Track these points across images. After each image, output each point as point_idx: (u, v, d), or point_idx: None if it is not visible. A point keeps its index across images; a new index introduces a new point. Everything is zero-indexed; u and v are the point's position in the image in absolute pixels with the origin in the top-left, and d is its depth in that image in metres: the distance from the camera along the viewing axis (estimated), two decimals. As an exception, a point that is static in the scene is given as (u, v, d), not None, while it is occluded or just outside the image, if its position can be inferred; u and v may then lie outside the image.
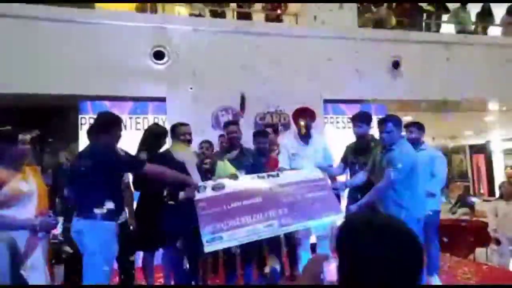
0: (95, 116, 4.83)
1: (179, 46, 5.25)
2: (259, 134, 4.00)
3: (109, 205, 2.61)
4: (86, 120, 4.94)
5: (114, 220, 2.65)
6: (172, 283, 3.44)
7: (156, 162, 3.09)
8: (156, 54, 5.13)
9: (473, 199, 9.66)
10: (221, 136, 4.49)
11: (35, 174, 2.59)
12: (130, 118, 5.06)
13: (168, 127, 4.93)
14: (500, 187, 5.62)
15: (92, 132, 3.19)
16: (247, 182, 3.27)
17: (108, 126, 2.82)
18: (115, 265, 2.95)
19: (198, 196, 3.04)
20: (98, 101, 4.99)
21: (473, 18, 7.59)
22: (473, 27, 7.54)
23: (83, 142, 4.62)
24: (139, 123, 5.14)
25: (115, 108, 5.04)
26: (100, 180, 2.58)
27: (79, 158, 2.80)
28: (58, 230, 3.61)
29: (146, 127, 5.08)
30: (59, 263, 3.61)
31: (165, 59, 5.16)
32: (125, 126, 4.89)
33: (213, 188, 3.12)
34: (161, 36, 5.20)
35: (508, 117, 8.91)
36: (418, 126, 3.89)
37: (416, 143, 3.72)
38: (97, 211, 2.54)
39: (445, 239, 5.00)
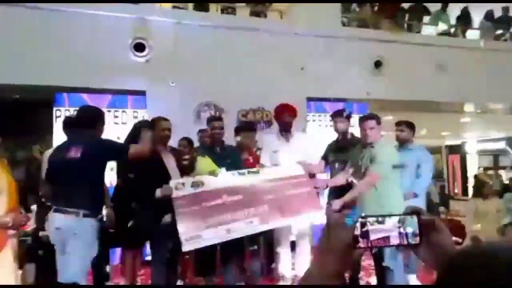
0: (72, 109, 4.75)
1: (161, 39, 5.12)
2: (241, 129, 3.97)
3: (93, 201, 2.51)
4: (61, 113, 4.76)
5: (96, 216, 2.56)
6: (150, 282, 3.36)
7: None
8: (137, 46, 4.99)
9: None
10: (200, 131, 4.42)
11: (3, 169, 2.45)
12: (109, 111, 4.90)
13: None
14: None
15: (75, 125, 3.04)
16: (227, 179, 3.22)
17: (93, 120, 2.72)
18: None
19: (176, 193, 2.97)
20: (75, 93, 4.83)
21: (453, 21, 7.75)
22: (452, 29, 7.70)
23: (58, 135, 4.46)
24: (117, 116, 5.01)
25: (93, 101, 4.90)
26: (84, 175, 2.47)
27: (61, 151, 2.65)
28: (29, 227, 3.47)
29: (124, 121, 4.99)
30: (31, 261, 3.46)
31: (146, 51, 5.03)
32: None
33: (192, 186, 3.06)
34: (142, 28, 5.06)
35: (483, 119, 9.17)
36: (408, 125, 3.89)
37: (405, 142, 3.74)
38: (80, 207, 2.44)
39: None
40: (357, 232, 0.69)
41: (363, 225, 0.69)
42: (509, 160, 12.50)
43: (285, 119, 3.65)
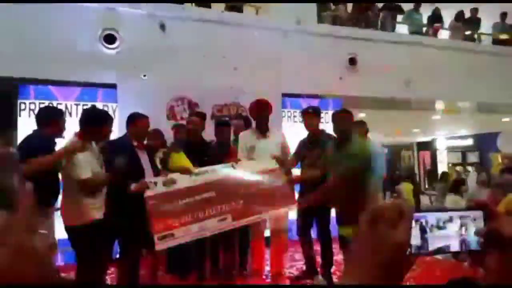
0: (38, 102, 4.54)
1: (132, 31, 4.97)
2: (221, 124, 3.91)
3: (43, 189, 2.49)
4: (26, 106, 4.54)
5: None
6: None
7: (112, 147, 3.00)
8: (107, 37, 4.82)
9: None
10: (175, 126, 4.33)
11: None
12: (77, 104, 4.72)
13: (117, 115, 4.70)
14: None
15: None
16: (200, 176, 3.17)
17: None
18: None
19: (148, 192, 2.92)
20: (42, 85, 4.61)
21: (424, 21, 7.95)
22: (424, 29, 7.89)
23: (23, 128, 4.25)
24: (87, 110, 4.82)
25: (61, 94, 4.71)
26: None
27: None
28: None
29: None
30: None
31: (117, 43, 4.87)
32: (70, 114, 4.60)
33: (164, 184, 3.01)
34: (113, 19, 4.89)
35: (452, 116, 9.48)
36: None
37: None
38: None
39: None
40: (416, 240, 0.55)
41: (423, 230, 0.57)
42: (476, 156, 13.01)
43: (260, 114, 3.62)
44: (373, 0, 7.35)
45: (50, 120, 2.93)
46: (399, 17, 7.76)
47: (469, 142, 13.47)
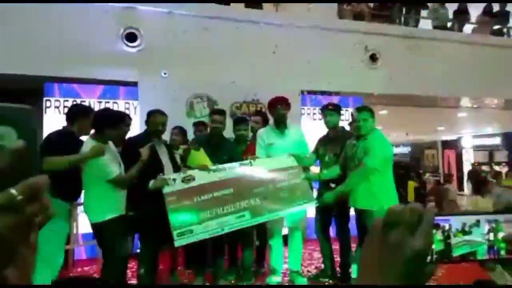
0: (62, 100, 4.67)
1: (153, 29, 5.03)
2: (240, 120, 3.92)
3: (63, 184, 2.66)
4: (51, 103, 4.68)
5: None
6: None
7: (131, 144, 3.03)
8: (128, 36, 4.90)
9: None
10: (195, 124, 4.35)
11: None
12: (99, 102, 4.83)
13: (138, 113, 4.78)
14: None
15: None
16: (218, 173, 3.18)
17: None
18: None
19: (167, 189, 2.95)
20: (67, 83, 4.74)
21: (450, 15, 7.70)
22: (449, 24, 7.64)
23: (47, 125, 4.38)
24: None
25: (84, 92, 4.83)
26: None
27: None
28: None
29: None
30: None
31: (138, 41, 4.94)
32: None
33: (183, 181, 3.04)
34: (134, 18, 4.97)
35: (478, 114, 9.16)
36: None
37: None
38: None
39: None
40: (438, 245, 0.50)
41: (446, 235, 0.53)
42: (504, 155, 12.54)
43: (279, 111, 3.60)
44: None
45: (75, 118, 3.00)
46: (423, 12, 7.54)
47: (497, 140, 13.00)
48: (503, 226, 0.56)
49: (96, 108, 4.76)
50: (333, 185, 3.34)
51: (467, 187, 8.18)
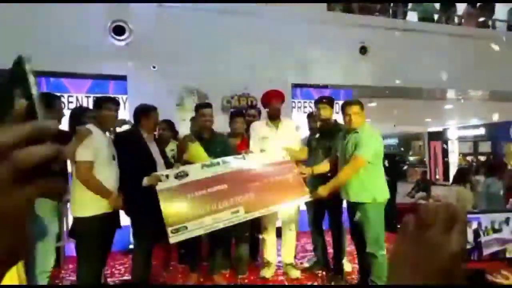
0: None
1: (141, 22, 4.95)
2: (235, 114, 3.90)
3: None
4: (38, 98, 4.57)
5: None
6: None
7: (122, 140, 2.96)
8: (116, 29, 4.82)
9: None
10: (193, 119, 4.30)
11: None
12: (88, 97, 4.75)
13: (128, 107, 4.72)
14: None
15: None
16: (212, 168, 3.17)
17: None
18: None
19: (160, 185, 2.93)
20: (55, 78, 4.64)
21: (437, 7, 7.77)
22: (436, 16, 7.72)
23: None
24: (98, 102, 4.84)
25: (73, 86, 4.74)
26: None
27: None
28: None
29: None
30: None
31: (126, 35, 4.86)
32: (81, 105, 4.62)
33: (176, 177, 3.02)
34: (122, 11, 4.88)
35: (464, 106, 9.32)
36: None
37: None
38: None
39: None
40: (468, 244, 0.47)
41: (476, 233, 0.51)
42: (488, 146, 12.81)
43: (273, 105, 3.60)
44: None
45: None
46: (410, 4, 7.59)
47: (481, 131, 13.26)
48: None
49: (85, 103, 4.69)
50: (326, 178, 3.37)
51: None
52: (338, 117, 3.80)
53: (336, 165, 3.35)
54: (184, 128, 4.52)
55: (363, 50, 6.14)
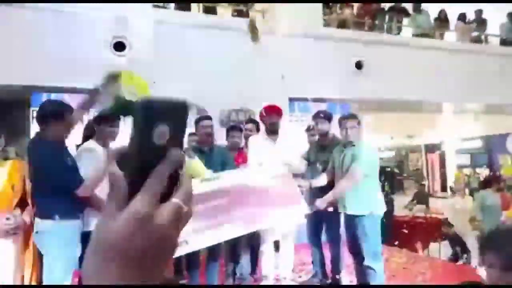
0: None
1: (141, 38, 5.05)
2: (233, 128, 3.94)
3: (67, 202, 2.41)
4: (38, 113, 4.62)
5: (74, 218, 2.45)
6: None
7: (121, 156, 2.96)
8: (117, 45, 4.90)
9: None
10: (191, 134, 4.35)
11: (12, 171, 2.40)
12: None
13: (128, 121, 4.76)
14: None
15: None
16: (211, 182, 3.19)
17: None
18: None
19: None
20: (56, 93, 4.70)
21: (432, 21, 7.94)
22: (430, 31, 7.88)
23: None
24: (98, 117, 4.89)
25: (75, 101, 4.77)
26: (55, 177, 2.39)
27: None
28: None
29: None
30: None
31: (126, 50, 4.95)
32: (81, 121, 4.66)
33: None
34: (122, 27, 4.98)
35: (461, 118, 9.42)
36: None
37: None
38: (54, 210, 2.34)
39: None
40: None
41: None
42: (486, 158, 12.88)
43: (272, 119, 3.64)
44: (378, 0, 7.38)
45: None
46: (406, 21, 7.76)
47: (478, 144, 13.34)
48: None
49: (85, 118, 4.73)
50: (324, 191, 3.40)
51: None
52: (336, 131, 3.85)
53: (333, 178, 3.39)
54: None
55: (359, 64, 6.25)
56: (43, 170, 2.38)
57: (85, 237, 2.39)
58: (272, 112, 3.65)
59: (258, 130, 4.15)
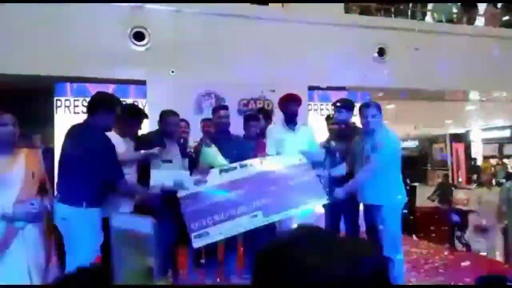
0: (73, 99, 4.74)
1: (160, 27, 5.07)
2: (251, 117, 3.92)
3: (94, 190, 2.51)
4: (62, 103, 4.74)
5: (98, 205, 2.54)
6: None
7: (145, 141, 3.01)
8: (136, 35, 4.94)
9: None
10: (203, 120, 4.36)
11: (29, 159, 2.44)
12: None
13: (147, 111, 4.83)
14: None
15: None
16: (229, 172, 3.21)
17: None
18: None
19: (181, 192, 2.99)
20: (77, 83, 4.81)
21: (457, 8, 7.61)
22: (455, 16, 7.57)
23: (59, 125, 4.46)
24: (119, 106, 4.98)
25: (95, 91, 4.87)
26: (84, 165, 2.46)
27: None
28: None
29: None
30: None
31: (146, 40, 4.98)
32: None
33: (195, 183, 3.07)
34: (141, 17, 5.00)
35: (487, 107, 9.09)
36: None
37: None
38: (83, 197, 2.43)
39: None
40: None
41: None
42: (513, 148, 12.41)
43: (291, 108, 3.60)
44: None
45: None
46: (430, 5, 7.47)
47: (507, 133, 12.85)
48: None
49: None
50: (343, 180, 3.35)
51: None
52: (356, 120, 3.78)
53: (353, 167, 3.33)
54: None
55: (381, 51, 6.08)
56: (92, 157, 2.46)
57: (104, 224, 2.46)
58: (291, 101, 3.61)
59: (266, 118, 4.08)
